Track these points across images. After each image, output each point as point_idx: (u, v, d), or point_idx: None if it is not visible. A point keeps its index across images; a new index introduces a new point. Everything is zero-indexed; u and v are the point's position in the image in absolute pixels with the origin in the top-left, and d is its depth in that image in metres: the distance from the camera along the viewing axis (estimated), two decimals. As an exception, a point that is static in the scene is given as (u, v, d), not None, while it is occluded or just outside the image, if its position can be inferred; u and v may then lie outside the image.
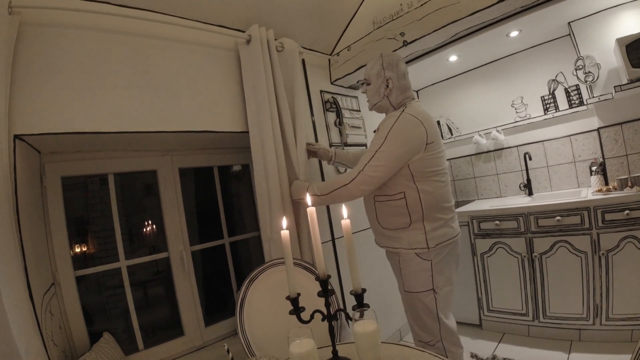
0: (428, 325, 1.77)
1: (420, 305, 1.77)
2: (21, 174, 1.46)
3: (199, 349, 2.28)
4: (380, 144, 1.68)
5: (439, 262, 1.75)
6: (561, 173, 3.05)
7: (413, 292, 1.78)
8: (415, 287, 1.77)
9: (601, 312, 2.32)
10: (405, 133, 1.67)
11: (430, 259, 1.73)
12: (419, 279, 1.75)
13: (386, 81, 1.82)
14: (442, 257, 1.76)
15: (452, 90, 3.71)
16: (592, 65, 2.63)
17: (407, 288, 1.81)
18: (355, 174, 1.71)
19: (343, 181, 1.76)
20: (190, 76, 2.00)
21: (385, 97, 1.85)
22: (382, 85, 1.83)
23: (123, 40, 1.79)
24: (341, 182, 1.76)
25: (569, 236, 2.40)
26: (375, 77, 1.85)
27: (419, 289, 1.76)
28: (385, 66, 1.83)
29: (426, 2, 2.16)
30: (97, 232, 2.22)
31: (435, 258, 1.73)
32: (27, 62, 1.50)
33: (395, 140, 1.66)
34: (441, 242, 1.73)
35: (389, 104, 1.86)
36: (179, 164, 2.34)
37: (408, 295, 1.82)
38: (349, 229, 1.19)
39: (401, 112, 1.72)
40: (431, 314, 1.76)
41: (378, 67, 1.85)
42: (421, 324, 1.80)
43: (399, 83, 1.82)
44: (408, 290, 1.81)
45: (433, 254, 1.73)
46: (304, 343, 0.97)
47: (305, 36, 2.48)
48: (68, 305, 1.91)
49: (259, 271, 1.75)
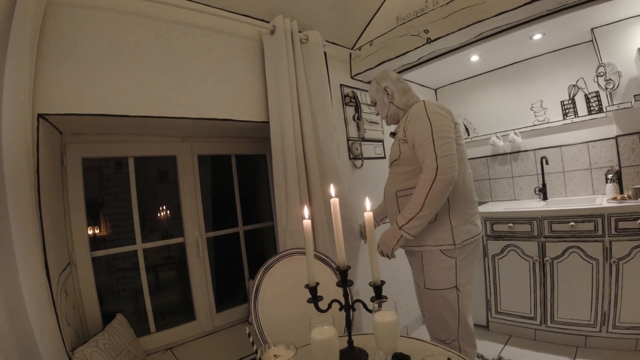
0: (448, 323, 1.76)
1: (442, 302, 1.76)
2: (43, 153, 1.49)
3: (209, 334, 2.32)
4: (429, 127, 1.66)
5: (463, 260, 1.74)
6: (577, 179, 3.03)
7: (436, 289, 1.77)
8: (439, 284, 1.76)
9: (608, 320, 2.32)
10: (439, 110, 1.73)
11: (455, 256, 1.72)
12: (443, 276, 1.74)
13: (384, 90, 1.94)
14: (467, 254, 1.75)
15: (471, 90, 3.69)
16: (613, 73, 2.61)
17: (429, 285, 1.79)
18: (434, 164, 1.62)
19: (428, 180, 1.63)
20: (213, 64, 2.02)
21: (390, 104, 1.93)
22: (384, 95, 1.95)
23: (149, 24, 1.81)
24: (427, 183, 1.63)
25: (581, 242, 2.40)
26: (376, 93, 1.99)
27: (442, 286, 1.75)
28: (378, 81, 1.98)
29: (452, 1, 2.15)
30: (110, 215, 2.26)
31: (460, 255, 1.73)
32: (53, 42, 1.51)
33: (438, 117, 1.69)
34: (467, 238, 1.73)
35: (395, 108, 1.93)
36: (198, 151, 2.37)
37: (430, 293, 1.80)
38: (371, 222, 1.20)
39: (422, 102, 1.79)
40: (453, 312, 1.75)
41: (375, 85, 2.00)
42: (440, 322, 1.79)
43: (396, 86, 1.93)
44: (430, 288, 1.79)
45: (458, 251, 1.72)
46: (326, 330, 0.99)
47: (328, 29, 2.49)
48: (83, 286, 1.95)
49: (275, 260, 1.77)
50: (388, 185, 1.94)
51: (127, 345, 1.88)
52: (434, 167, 1.61)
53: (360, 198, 2.61)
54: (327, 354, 0.98)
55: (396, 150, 1.84)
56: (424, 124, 1.68)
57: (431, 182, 1.62)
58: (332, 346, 0.99)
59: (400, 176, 1.83)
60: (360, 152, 2.74)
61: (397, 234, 1.72)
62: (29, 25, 1.35)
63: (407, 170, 1.80)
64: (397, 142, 1.84)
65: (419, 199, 1.65)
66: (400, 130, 1.83)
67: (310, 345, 1.00)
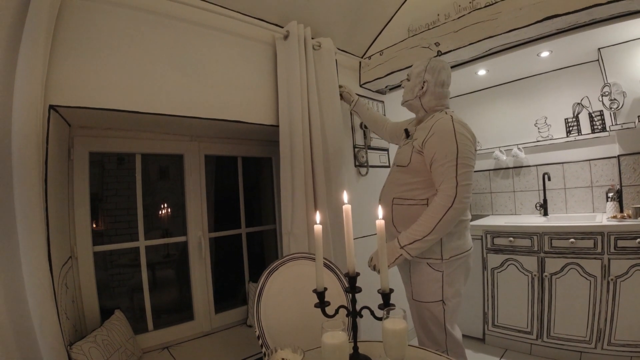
0: (435, 335, 1.77)
1: (428, 315, 1.76)
2: (52, 145, 1.49)
3: (207, 335, 2.31)
4: (455, 151, 1.60)
5: (450, 274, 1.73)
6: (578, 196, 3.06)
7: (422, 301, 1.77)
8: (425, 297, 1.75)
9: (604, 337, 2.33)
10: (466, 133, 1.68)
11: (442, 270, 1.71)
12: (429, 289, 1.74)
13: (422, 83, 1.83)
14: (454, 269, 1.74)
15: (476, 103, 3.72)
16: (618, 93, 2.64)
17: (416, 297, 1.79)
18: (453, 191, 1.58)
19: (443, 206, 1.59)
20: (226, 65, 2.03)
21: (417, 97, 1.86)
22: (418, 85, 1.84)
23: (164, 22, 1.81)
24: (442, 209, 1.59)
25: (580, 259, 2.42)
26: (415, 76, 1.87)
27: (428, 299, 1.74)
28: (427, 69, 1.84)
29: (464, 15, 2.18)
30: (109, 211, 2.25)
31: (447, 270, 1.72)
32: (68, 34, 1.51)
33: (464, 141, 1.64)
34: (455, 254, 1.71)
35: (419, 105, 1.86)
36: (205, 151, 2.37)
37: (416, 304, 1.80)
38: (382, 230, 1.21)
39: (450, 118, 1.71)
40: (439, 324, 1.75)
41: (421, 68, 1.86)
42: (428, 333, 1.79)
43: (435, 89, 1.82)
44: (417, 300, 1.79)
45: (445, 265, 1.71)
46: (337, 335, 0.99)
47: (339, 36, 2.51)
48: (83, 280, 1.94)
49: (279, 263, 1.77)
50: (387, 188, 1.90)
51: (124, 342, 1.87)
52: (452, 194, 1.58)
53: (365, 205, 2.62)
54: (338, 358, 0.99)
55: (406, 156, 1.79)
56: (449, 144, 1.62)
57: (446, 208, 1.58)
58: (343, 351, 0.99)
59: (402, 185, 1.80)
60: (366, 159, 2.76)
61: (396, 252, 1.67)
62: (44, 15, 1.35)
63: (411, 182, 1.77)
64: (410, 148, 1.78)
65: (429, 223, 1.60)
66: (418, 138, 1.76)
67: (321, 349, 1.00)
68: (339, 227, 2.21)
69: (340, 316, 1.20)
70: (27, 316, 1.28)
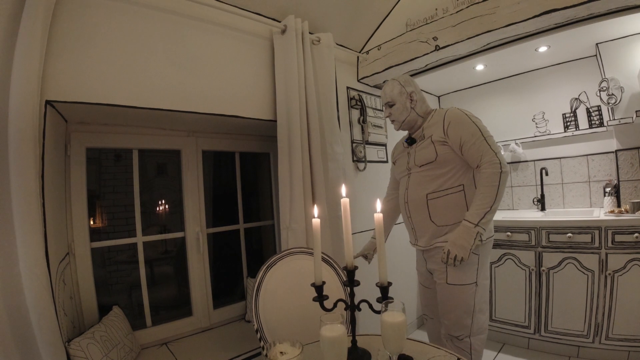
0: (462, 319, 1.78)
1: (461, 298, 1.78)
2: (48, 140, 1.48)
3: (205, 330, 2.31)
4: (478, 129, 1.72)
5: (485, 256, 1.80)
6: (575, 191, 3.07)
7: (457, 284, 1.78)
8: (460, 280, 1.77)
9: (601, 331, 2.34)
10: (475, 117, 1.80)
11: (479, 252, 1.76)
12: (467, 272, 1.77)
13: (409, 95, 1.91)
14: (487, 251, 1.82)
15: (474, 98, 3.72)
16: (616, 88, 2.64)
17: (450, 281, 1.80)
18: (495, 158, 1.66)
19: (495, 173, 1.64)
20: (223, 60, 2.02)
21: (412, 110, 1.92)
22: (407, 100, 1.92)
23: (161, 17, 1.80)
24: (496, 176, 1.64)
25: (578, 253, 2.42)
26: (399, 96, 1.92)
27: (464, 282, 1.77)
28: (403, 84, 1.93)
29: (462, 10, 2.18)
30: (107, 207, 2.24)
31: (482, 252, 1.78)
32: (64, 29, 1.50)
33: (479, 121, 1.77)
34: (490, 236, 1.80)
35: (416, 115, 1.92)
36: (203, 146, 2.36)
37: (450, 288, 1.81)
38: (380, 223, 1.21)
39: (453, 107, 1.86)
40: (468, 308, 1.77)
41: (398, 87, 1.93)
42: (454, 318, 1.80)
43: (419, 95, 1.94)
44: (452, 283, 1.79)
45: (482, 248, 1.76)
46: (335, 328, 0.99)
47: (337, 31, 2.50)
48: (81, 277, 1.94)
49: (277, 258, 1.77)
50: (413, 190, 1.89)
51: (123, 338, 1.87)
52: (497, 161, 1.65)
53: (362, 200, 2.62)
54: (337, 351, 0.99)
55: (430, 152, 1.81)
56: (470, 125, 1.73)
57: (499, 175, 1.64)
58: (341, 344, 0.99)
59: (433, 179, 1.82)
60: (364, 155, 2.75)
61: (472, 232, 1.65)
62: (41, 10, 1.34)
63: (443, 172, 1.80)
64: (430, 144, 1.82)
65: (491, 192, 1.65)
66: (434, 133, 1.81)
67: (319, 342, 1.00)
68: (337, 222, 2.21)
69: (338, 310, 1.20)
70: (25, 312, 1.28)
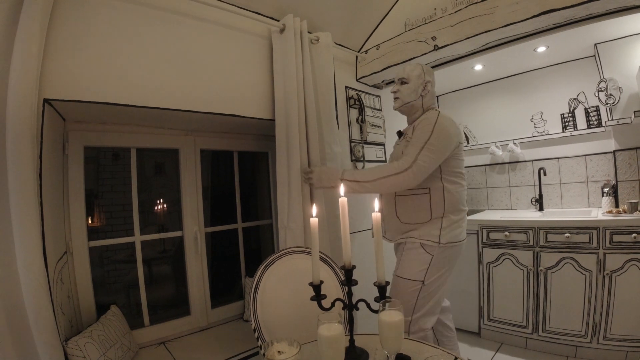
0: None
1: (404, 291, 1.82)
2: (46, 139, 1.47)
3: (204, 330, 2.31)
4: (427, 137, 1.73)
5: (439, 259, 1.81)
6: (573, 191, 3.08)
7: (402, 277, 1.84)
8: (406, 274, 1.83)
9: (599, 331, 2.35)
10: (448, 129, 1.78)
11: (433, 253, 1.79)
12: (414, 268, 1.81)
13: (425, 83, 1.94)
14: (445, 255, 1.82)
15: (473, 98, 3.73)
16: (614, 89, 2.65)
17: (399, 273, 1.87)
18: (408, 163, 1.70)
19: (393, 170, 1.73)
20: (222, 59, 2.02)
21: (420, 97, 1.94)
22: (421, 86, 1.94)
23: (160, 15, 1.80)
24: (391, 171, 1.73)
25: (576, 254, 2.43)
26: (416, 78, 1.94)
27: (409, 277, 1.82)
28: (425, 71, 1.97)
29: (461, 10, 2.18)
30: (105, 207, 2.24)
31: (437, 254, 1.79)
32: (62, 28, 1.50)
33: (441, 134, 1.75)
34: (451, 241, 1.80)
35: (420, 105, 1.95)
36: (201, 145, 2.36)
37: (396, 280, 1.87)
38: (378, 222, 1.21)
39: (437, 112, 1.84)
40: (408, 304, 1.79)
41: (420, 70, 1.96)
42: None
43: (432, 90, 1.98)
44: (398, 275, 1.87)
45: (438, 250, 1.79)
46: (333, 327, 0.99)
47: (336, 30, 2.49)
48: (79, 276, 1.93)
49: (275, 257, 1.77)
50: None
51: (120, 337, 1.86)
52: (406, 165, 1.71)
53: (361, 201, 2.62)
54: (334, 351, 0.99)
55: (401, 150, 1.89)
56: (425, 131, 1.76)
57: (395, 172, 1.72)
58: (339, 343, 0.99)
59: None
60: (362, 154, 2.75)
61: (334, 180, 1.88)
62: (39, 9, 1.34)
63: None
64: (405, 143, 1.88)
65: (375, 174, 1.78)
66: (409, 132, 1.89)
67: (317, 341, 1.00)
68: (335, 221, 2.21)
69: (336, 309, 1.20)
70: (23, 311, 1.27)
